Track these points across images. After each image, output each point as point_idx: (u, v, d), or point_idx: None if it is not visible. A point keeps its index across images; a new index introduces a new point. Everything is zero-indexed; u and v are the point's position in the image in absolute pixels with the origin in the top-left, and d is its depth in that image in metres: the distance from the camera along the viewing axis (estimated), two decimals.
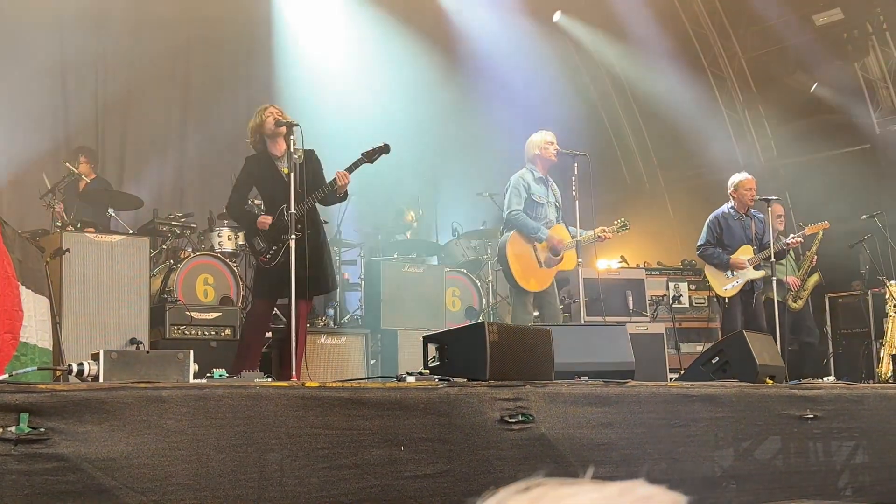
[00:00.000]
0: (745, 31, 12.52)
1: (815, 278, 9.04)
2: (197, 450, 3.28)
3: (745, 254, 8.21)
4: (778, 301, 8.59)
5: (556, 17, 13.52)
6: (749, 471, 4.83)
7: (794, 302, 8.92)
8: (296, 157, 5.77)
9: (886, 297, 9.07)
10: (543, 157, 7.20)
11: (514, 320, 7.04)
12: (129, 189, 9.31)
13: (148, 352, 3.88)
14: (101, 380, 3.50)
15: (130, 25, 10.39)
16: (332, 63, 11.46)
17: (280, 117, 6.03)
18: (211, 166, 10.39)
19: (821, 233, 8.74)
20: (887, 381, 7.73)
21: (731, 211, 8.42)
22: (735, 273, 8.16)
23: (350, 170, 5.96)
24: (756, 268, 8.19)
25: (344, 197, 6.27)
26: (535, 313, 7.33)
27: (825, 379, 7.01)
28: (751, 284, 8.20)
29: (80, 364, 3.56)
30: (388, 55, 11.89)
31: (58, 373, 3.88)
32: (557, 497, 0.82)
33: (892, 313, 8.98)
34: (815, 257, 8.89)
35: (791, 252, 8.92)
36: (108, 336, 6.15)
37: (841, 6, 11.14)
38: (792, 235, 8.54)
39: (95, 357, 3.55)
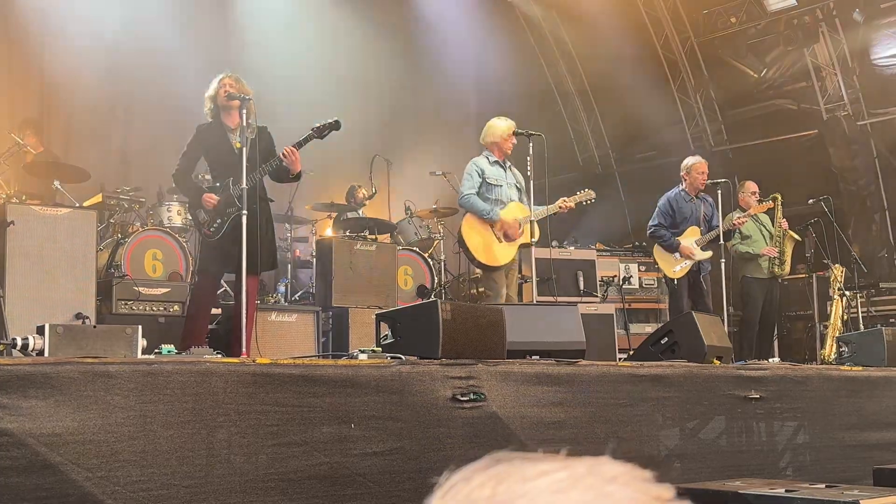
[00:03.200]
0: (697, 14, 12.62)
1: (790, 241, 9.15)
2: (144, 426, 3.24)
3: (692, 235, 8.32)
4: (762, 278, 8.80)
5: None
6: (694, 450, 4.91)
7: (780, 268, 9.03)
8: (248, 131, 5.69)
9: (831, 280, 9.25)
10: (501, 146, 7.30)
11: (492, 298, 7.10)
12: (75, 162, 9.12)
13: (94, 326, 3.81)
14: (46, 354, 3.44)
15: None
16: (286, 37, 11.34)
17: (233, 89, 5.93)
18: (160, 139, 10.21)
19: (780, 200, 8.88)
20: (830, 364, 7.88)
21: (683, 193, 8.52)
22: (683, 257, 8.26)
23: (299, 145, 5.88)
24: (703, 249, 8.30)
25: (298, 177, 6.19)
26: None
27: (770, 360, 7.13)
28: (698, 265, 8.32)
29: (25, 338, 3.49)
30: (340, 31, 11.79)
31: (1, 347, 3.80)
32: (523, 477, 0.81)
33: (836, 296, 9.16)
34: (784, 221, 9.00)
35: (762, 225, 9.05)
36: (53, 311, 6.02)
37: None
38: (738, 215, 8.66)
39: (41, 331, 3.48)
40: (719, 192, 8.22)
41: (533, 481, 0.82)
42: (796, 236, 9.12)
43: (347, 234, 8.65)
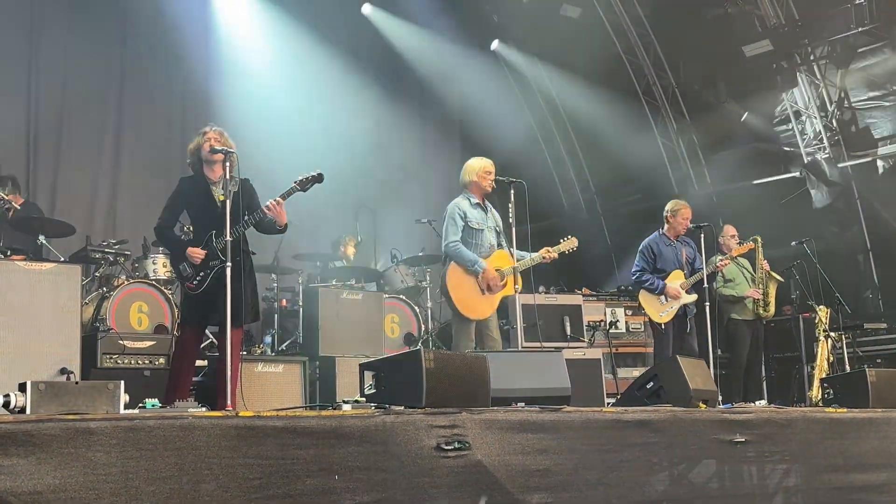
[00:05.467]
0: (678, 61, 12.80)
1: (774, 283, 9.21)
2: (127, 482, 3.23)
3: (676, 279, 8.35)
4: (748, 319, 8.84)
5: (494, 45, 13.69)
6: (683, 495, 4.89)
7: (765, 310, 9.09)
8: (231, 184, 5.72)
9: (816, 321, 9.29)
10: (480, 185, 7.19)
11: (456, 349, 7.00)
12: (61, 216, 9.14)
13: (77, 382, 3.80)
14: (28, 411, 3.42)
15: (62, 49, 10.25)
16: (270, 89, 11.45)
17: (217, 143, 5.96)
18: (145, 192, 10.25)
19: (760, 243, 8.96)
20: (817, 405, 7.89)
21: (663, 237, 8.57)
22: (669, 300, 8.29)
23: (282, 199, 5.90)
24: (688, 292, 8.34)
25: (284, 229, 6.21)
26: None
27: (757, 402, 7.14)
28: (683, 309, 8.35)
29: (7, 395, 3.47)
30: (326, 82, 11.90)
31: None
32: None
33: (821, 337, 9.20)
34: (765, 262, 9.08)
35: (744, 268, 9.13)
36: (37, 366, 5.99)
37: (770, 38, 11.45)
38: (720, 258, 8.73)
39: (23, 388, 3.47)
40: (702, 235, 8.27)
41: None
42: (778, 277, 9.20)
43: (334, 283, 8.67)
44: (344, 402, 4.18)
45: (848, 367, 9.07)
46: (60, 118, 10.34)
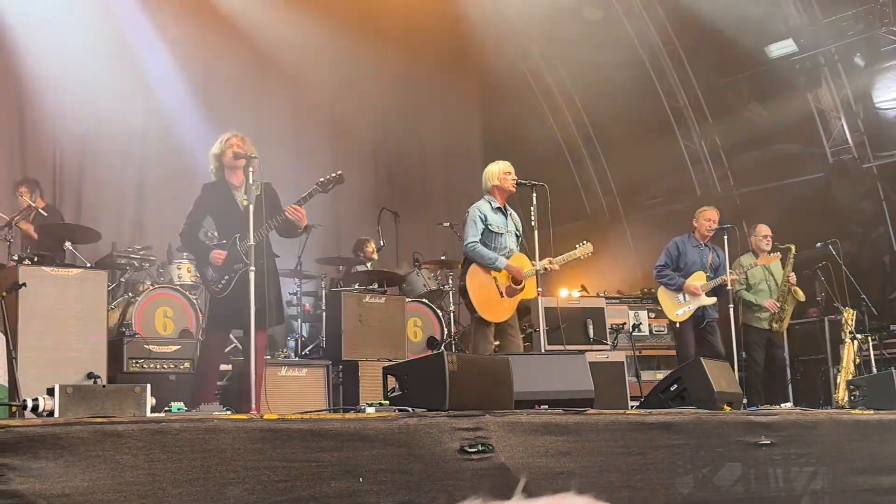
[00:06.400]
0: (700, 62, 12.74)
1: (793, 300, 9.15)
2: (153, 485, 3.26)
3: (697, 279, 8.33)
4: (760, 329, 8.81)
5: (517, 48, 13.66)
6: (708, 498, 4.87)
7: (778, 324, 9.04)
8: (253, 189, 5.77)
9: (842, 323, 9.21)
10: (502, 187, 7.18)
11: (475, 351, 7.01)
12: (87, 222, 9.23)
13: (104, 386, 3.84)
14: (56, 415, 3.47)
15: (90, 53, 10.34)
16: (292, 92, 11.49)
17: (239, 149, 6.01)
18: (170, 198, 10.32)
19: (792, 253, 8.89)
20: (843, 407, 7.83)
21: (691, 238, 8.57)
22: (687, 298, 8.27)
23: (303, 200, 5.94)
24: (708, 295, 8.31)
25: (305, 231, 6.26)
26: (497, 343, 7.32)
27: (782, 405, 7.10)
28: (702, 311, 8.31)
29: (35, 399, 3.52)
30: (346, 84, 11.94)
31: (13, 408, 3.84)
32: None
33: (847, 339, 9.12)
34: (793, 275, 9.02)
35: (771, 275, 9.08)
36: (65, 371, 6.06)
37: (794, 38, 11.37)
38: (749, 262, 8.70)
39: (51, 392, 3.52)
40: (725, 237, 8.24)
41: None
42: (800, 296, 9.14)
43: (357, 287, 8.69)
44: (368, 405, 4.19)
45: (875, 369, 8.99)
46: (86, 125, 10.43)
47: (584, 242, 7.33)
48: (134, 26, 10.55)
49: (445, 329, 9.04)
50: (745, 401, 6.48)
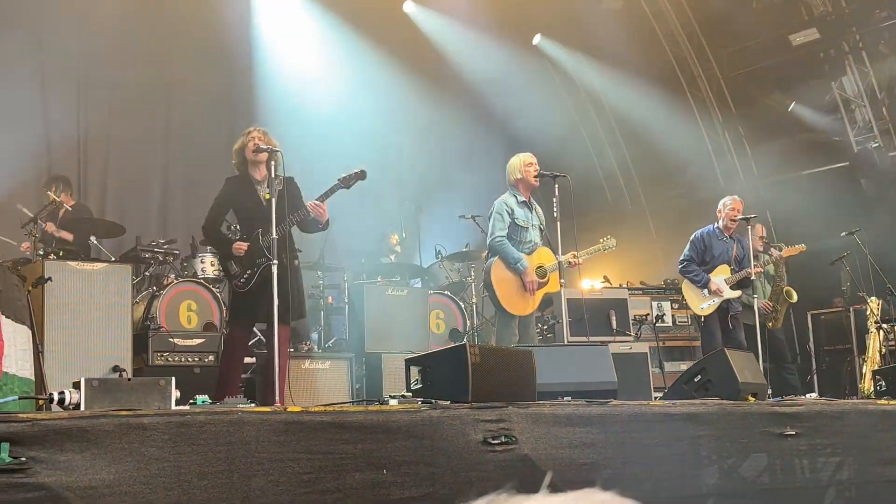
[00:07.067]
0: (722, 51, 12.64)
1: (785, 303, 9.11)
2: (179, 477, 3.28)
3: (722, 273, 8.28)
4: (760, 325, 8.73)
5: (536, 39, 13.62)
6: (733, 489, 4.85)
7: (772, 323, 9.00)
8: (276, 183, 5.78)
9: (868, 313, 9.14)
10: (525, 179, 7.17)
11: (499, 343, 7.01)
12: (111, 216, 9.30)
13: (129, 379, 3.87)
14: (82, 408, 3.50)
15: (112, 51, 10.40)
16: (314, 87, 11.50)
17: (262, 142, 6.02)
18: (194, 192, 10.39)
19: (775, 259, 8.81)
20: (869, 397, 7.77)
21: (716, 231, 8.50)
22: (711, 294, 8.23)
23: (325, 196, 5.95)
24: (732, 288, 8.26)
25: (326, 226, 6.27)
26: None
27: (807, 396, 7.05)
28: (727, 304, 8.27)
29: (62, 392, 3.55)
30: (368, 79, 11.95)
31: (40, 402, 3.87)
32: None
33: (873, 329, 9.05)
34: (782, 279, 9.00)
35: (767, 276, 9.05)
36: (90, 364, 6.10)
37: (817, 26, 11.26)
38: (755, 264, 8.57)
39: (77, 385, 3.54)
40: (749, 228, 8.18)
41: None
42: (793, 298, 9.08)
43: (379, 279, 8.70)
44: (391, 397, 4.20)
45: None
46: (110, 120, 10.50)
47: (608, 237, 7.33)
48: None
49: (468, 321, 9.03)
50: (769, 392, 6.44)
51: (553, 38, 13.66)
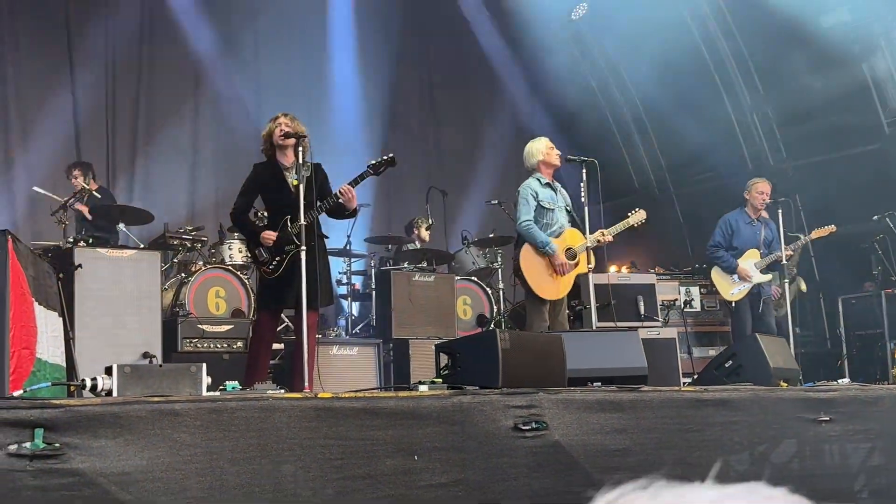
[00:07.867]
0: (751, 33, 12.49)
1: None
2: (211, 462, 3.29)
3: (751, 257, 8.20)
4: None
5: (561, 24, 13.47)
6: (765, 475, 4.81)
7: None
8: (304, 169, 5.78)
9: None
10: (548, 161, 7.14)
11: (530, 329, 6.99)
12: (139, 203, 9.35)
13: (161, 365, 3.88)
14: (114, 394, 3.51)
15: (141, 37, 10.45)
16: (341, 75, 11.51)
17: (289, 128, 6.02)
18: (222, 178, 10.42)
19: (804, 241, 8.69)
20: None
21: (744, 214, 8.42)
22: (740, 279, 8.16)
23: (355, 182, 5.94)
24: (763, 272, 8.18)
25: (354, 213, 6.26)
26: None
27: (840, 381, 6.97)
28: (758, 288, 8.19)
29: (94, 379, 3.56)
30: (394, 63, 11.92)
31: (72, 388, 3.89)
32: (677, 493, 0.84)
33: None
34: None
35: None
36: (120, 351, 6.15)
37: (848, 7, 11.11)
38: (785, 248, 8.47)
39: (109, 371, 3.56)
40: (779, 211, 8.09)
41: (685, 496, 0.83)
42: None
43: (406, 265, 8.70)
44: (421, 383, 4.19)
45: None
46: (137, 107, 10.55)
47: (637, 210, 7.27)
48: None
49: (495, 307, 9.02)
50: (801, 377, 6.39)
51: (578, 21, 13.55)
